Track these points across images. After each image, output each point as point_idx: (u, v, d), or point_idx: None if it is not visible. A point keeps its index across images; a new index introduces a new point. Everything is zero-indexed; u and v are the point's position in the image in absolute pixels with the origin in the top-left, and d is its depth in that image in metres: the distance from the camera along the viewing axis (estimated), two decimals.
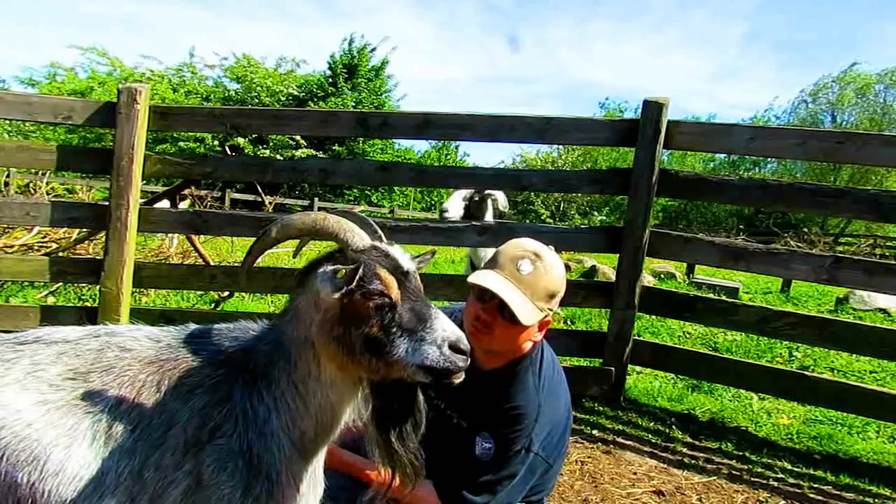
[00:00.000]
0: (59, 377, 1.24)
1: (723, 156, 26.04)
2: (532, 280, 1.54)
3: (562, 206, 21.26)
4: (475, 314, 1.60)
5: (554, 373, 1.76)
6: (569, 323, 5.59)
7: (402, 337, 1.21)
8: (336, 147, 21.34)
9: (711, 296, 6.09)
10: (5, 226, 6.07)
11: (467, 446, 1.66)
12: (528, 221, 16.36)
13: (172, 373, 1.28)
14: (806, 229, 18.94)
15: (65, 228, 5.90)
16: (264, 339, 1.36)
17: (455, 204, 4.39)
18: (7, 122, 16.49)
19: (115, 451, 1.20)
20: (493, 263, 1.61)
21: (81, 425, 1.20)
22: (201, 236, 5.70)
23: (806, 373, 4.02)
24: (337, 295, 1.19)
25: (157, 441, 1.22)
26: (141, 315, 3.75)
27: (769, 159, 26.49)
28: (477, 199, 4.42)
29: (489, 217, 4.43)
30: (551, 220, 19.95)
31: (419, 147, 28.85)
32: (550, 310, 1.61)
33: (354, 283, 1.19)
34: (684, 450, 3.19)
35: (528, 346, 1.67)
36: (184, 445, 1.23)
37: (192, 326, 1.40)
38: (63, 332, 1.34)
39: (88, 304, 4.81)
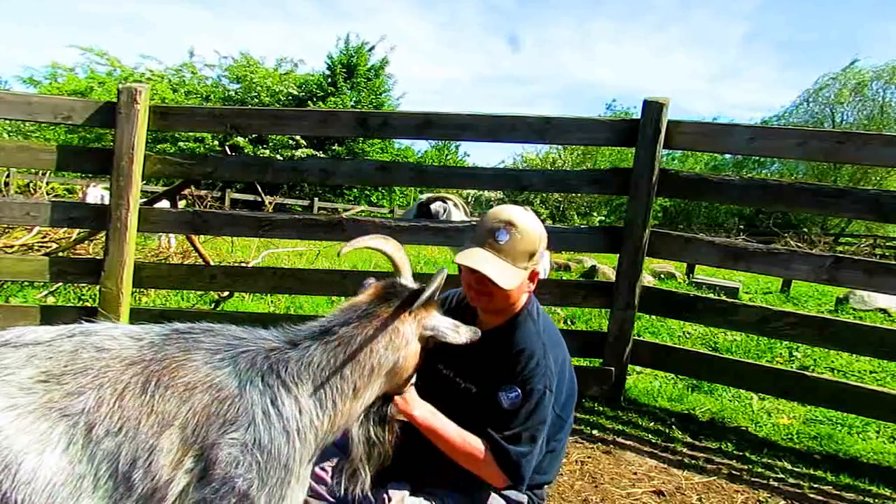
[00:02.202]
0: (31, 380, 1.18)
1: (729, 157, 25.99)
2: (510, 248, 1.68)
3: (562, 206, 21.27)
4: (468, 283, 1.76)
5: (549, 327, 1.87)
6: (569, 323, 5.59)
7: None
8: (336, 147, 21.33)
9: (711, 296, 6.09)
10: (5, 226, 6.07)
11: (494, 405, 1.70)
12: None
13: (162, 373, 1.24)
14: (806, 229, 18.95)
15: (65, 228, 5.90)
16: (299, 341, 1.37)
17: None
18: (7, 122, 16.49)
19: (94, 454, 1.16)
20: (474, 238, 1.75)
21: (56, 430, 1.15)
22: (201, 236, 5.69)
23: (806, 373, 4.02)
24: (455, 343, 1.51)
25: (146, 443, 1.18)
26: (141, 315, 3.75)
27: (773, 160, 26.45)
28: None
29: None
30: (551, 221, 19.95)
31: (419, 147, 28.88)
32: (534, 265, 1.76)
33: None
34: (684, 450, 3.18)
35: (523, 298, 1.81)
36: (183, 445, 1.20)
37: (175, 324, 1.37)
38: (35, 332, 1.28)
39: (88, 304, 4.81)
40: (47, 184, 9.04)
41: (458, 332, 1.51)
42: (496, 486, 1.71)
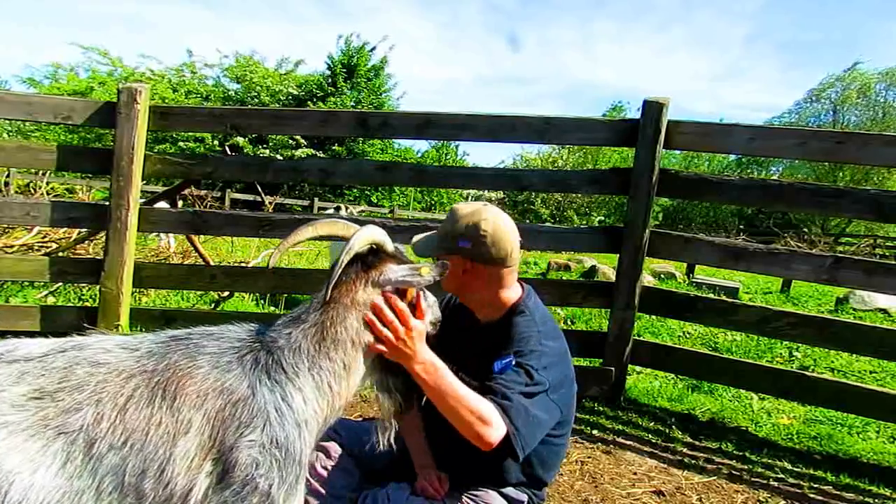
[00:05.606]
0: (23, 397, 1.13)
1: (732, 157, 25.94)
2: (441, 227, 1.81)
3: (562, 205, 21.29)
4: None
5: (548, 321, 1.85)
6: (569, 323, 5.59)
7: None
8: (336, 147, 21.34)
9: (711, 296, 6.08)
10: (5, 226, 6.07)
11: (487, 375, 1.67)
12: (527, 221, 16.34)
13: (168, 382, 1.22)
14: (806, 229, 18.94)
15: (65, 228, 5.89)
16: (282, 332, 1.38)
17: None
18: (7, 122, 16.49)
19: (95, 470, 1.13)
20: None
21: (51, 448, 1.11)
22: (201, 236, 5.69)
23: (806, 373, 4.02)
24: (422, 284, 1.51)
25: (156, 453, 1.17)
26: (141, 315, 3.75)
27: (776, 160, 26.43)
28: None
29: None
30: (551, 221, 19.97)
31: (419, 147, 28.89)
32: (457, 253, 1.74)
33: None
34: (684, 450, 3.18)
35: (507, 295, 1.81)
36: (200, 450, 1.20)
37: (170, 331, 1.35)
38: (27, 347, 1.24)
39: (88, 304, 4.81)
40: (47, 184, 9.02)
41: (419, 274, 1.47)
42: (488, 446, 1.51)
